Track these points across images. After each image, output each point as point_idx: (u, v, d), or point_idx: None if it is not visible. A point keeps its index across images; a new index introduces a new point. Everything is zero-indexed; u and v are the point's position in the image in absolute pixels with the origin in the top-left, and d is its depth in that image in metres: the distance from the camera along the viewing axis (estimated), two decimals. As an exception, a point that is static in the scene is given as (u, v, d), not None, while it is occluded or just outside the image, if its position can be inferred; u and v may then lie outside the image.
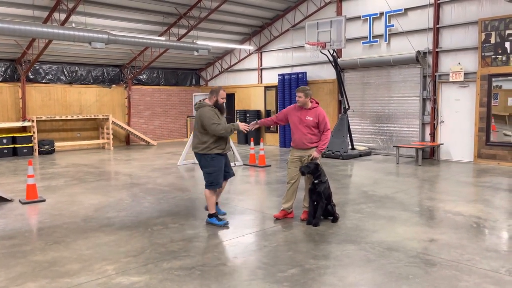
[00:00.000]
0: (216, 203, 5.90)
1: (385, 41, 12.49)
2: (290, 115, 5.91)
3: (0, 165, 11.66)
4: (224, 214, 6.14)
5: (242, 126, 5.71)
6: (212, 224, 5.66)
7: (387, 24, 12.39)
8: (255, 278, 3.98)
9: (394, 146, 11.85)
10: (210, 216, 5.72)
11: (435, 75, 11.61)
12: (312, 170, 5.62)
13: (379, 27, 12.67)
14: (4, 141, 13.22)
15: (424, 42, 11.81)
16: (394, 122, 12.70)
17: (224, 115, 5.78)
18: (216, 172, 5.54)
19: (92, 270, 4.23)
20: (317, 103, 5.87)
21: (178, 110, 18.49)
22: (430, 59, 11.72)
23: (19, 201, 7.23)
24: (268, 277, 4.01)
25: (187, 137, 18.58)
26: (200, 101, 5.65)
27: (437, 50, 11.57)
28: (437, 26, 11.51)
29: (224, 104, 5.69)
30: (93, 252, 4.74)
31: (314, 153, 5.75)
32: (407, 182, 8.56)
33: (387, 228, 5.51)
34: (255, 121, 6.08)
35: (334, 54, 12.66)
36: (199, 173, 10.05)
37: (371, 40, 12.82)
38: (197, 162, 5.72)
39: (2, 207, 6.87)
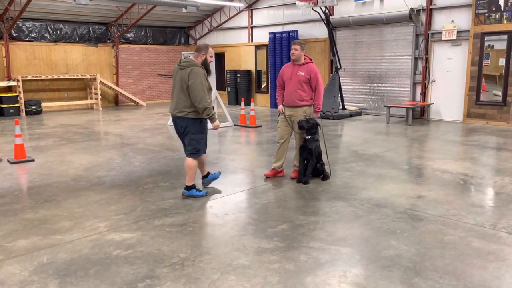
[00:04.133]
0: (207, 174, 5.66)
1: (379, -2, 12.21)
2: (284, 73, 5.83)
3: (-14, 125, 11.48)
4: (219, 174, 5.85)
5: (217, 123, 5.18)
6: (192, 196, 5.17)
7: (381, -20, 12.08)
8: (246, 234, 4.04)
9: (384, 106, 11.83)
10: (188, 188, 5.17)
11: (428, 34, 11.45)
12: (311, 126, 5.60)
13: (372, -16, 12.35)
14: (-10, 101, 12.96)
15: (418, -1, 11.57)
16: (386, 82, 12.63)
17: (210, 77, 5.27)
18: (204, 138, 5.21)
19: (83, 227, 4.25)
20: (310, 59, 5.79)
21: (167, 70, 18.14)
22: (423, 17, 11.52)
23: (8, 161, 7.16)
24: (258, 232, 4.07)
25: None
26: (185, 57, 5.13)
27: (430, 7, 11.35)
28: (432, -18, 11.26)
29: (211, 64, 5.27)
30: (84, 210, 4.75)
31: (314, 114, 5.76)
32: (397, 141, 8.62)
33: (375, 185, 5.59)
34: (280, 109, 5.87)
35: (326, 11, 12.37)
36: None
37: (364, -3, 12.51)
38: (176, 127, 5.15)
39: (-10, 167, 6.81)
